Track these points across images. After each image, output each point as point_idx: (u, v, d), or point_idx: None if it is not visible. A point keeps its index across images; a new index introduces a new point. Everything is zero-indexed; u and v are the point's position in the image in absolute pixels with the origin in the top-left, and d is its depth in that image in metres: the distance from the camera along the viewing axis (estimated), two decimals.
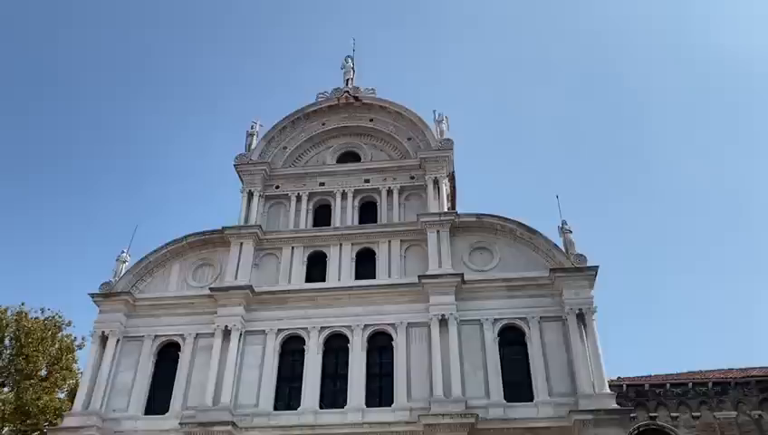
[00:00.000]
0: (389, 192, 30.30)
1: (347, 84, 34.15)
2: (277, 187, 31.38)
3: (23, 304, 38.09)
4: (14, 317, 37.02)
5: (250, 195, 30.60)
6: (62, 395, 37.03)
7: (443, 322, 25.47)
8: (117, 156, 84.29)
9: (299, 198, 30.71)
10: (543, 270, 26.46)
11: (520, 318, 25.82)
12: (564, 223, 27.47)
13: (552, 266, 26.32)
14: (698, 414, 27.68)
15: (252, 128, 32.96)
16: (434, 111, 32.05)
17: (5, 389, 35.59)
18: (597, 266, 25.84)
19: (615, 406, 23.07)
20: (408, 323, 26.16)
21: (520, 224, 27.80)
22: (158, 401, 25.79)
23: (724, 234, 75.31)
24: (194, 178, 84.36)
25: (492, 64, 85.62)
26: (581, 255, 26.34)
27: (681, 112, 79.76)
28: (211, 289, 27.47)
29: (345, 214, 29.93)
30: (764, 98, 75.63)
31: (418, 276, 26.68)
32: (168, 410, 25.24)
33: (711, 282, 74.10)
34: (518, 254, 27.46)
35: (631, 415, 25.87)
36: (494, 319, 25.89)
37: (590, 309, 25.07)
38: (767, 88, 75.46)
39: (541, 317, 25.70)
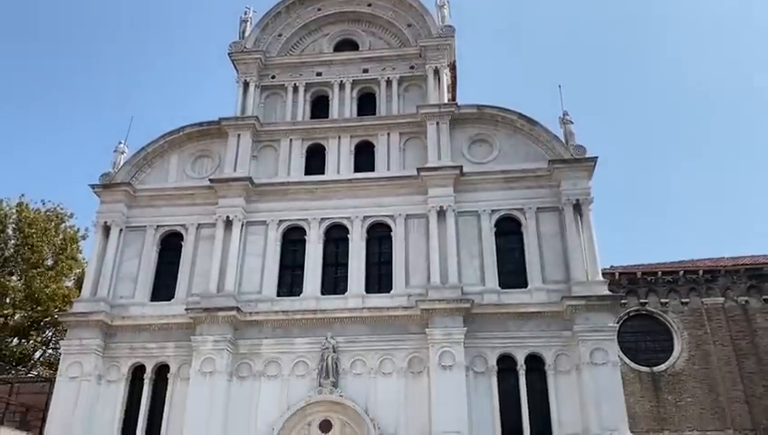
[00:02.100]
0: (388, 83, 29.70)
1: None
2: (273, 77, 30.71)
3: (23, 195, 38.44)
4: (16, 208, 37.38)
5: (246, 85, 30.02)
6: (69, 283, 38.09)
7: (441, 213, 25.77)
8: (113, 47, 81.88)
9: (296, 89, 30.15)
10: (542, 162, 26.46)
11: (517, 209, 26.09)
12: (566, 113, 27.18)
13: (551, 158, 26.30)
14: (687, 301, 28.64)
15: (245, 14, 31.78)
16: None
17: (14, 277, 36.52)
18: (596, 157, 25.85)
19: (606, 292, 23.80)
20: (407, 215, 26.47)
21: (520, 115, 27.50)
22: (163, 289, 26.53)
23: (719, 124, 74.93)
24: (191, 69, 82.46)
25: None
26: (581, 146, 26.26)
27: (686, 3, 76.90)
28: (211, 180, 27.57)
29: (343, 106, 29.50)
30: None
31: (417, 169, 26.69)
32: (173, 297, 26.03)
33: (706, 172, 74.47)
34: (517, 146, 27.34)
35: (622, 301, 26.87)
36: (492, 210, 26.18)
37: (587, 199, 25.32)
38: None
39: (538, 208, 25.97)
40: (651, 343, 28.18)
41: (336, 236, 26.84)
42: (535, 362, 23.47)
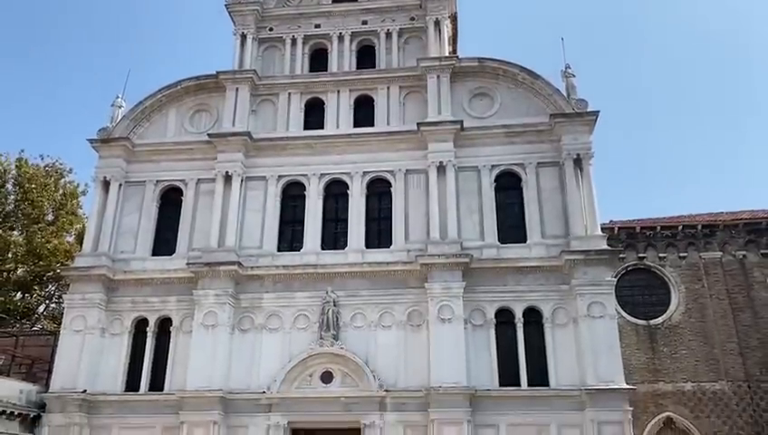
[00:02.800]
0: (388, 35, 29.23)
1: None
2: (271, 29, 30.18)
3: (22, 151, 38.30)
4: (15, 163, 37.28)
5: (243, 38, 29.55)
6: (70, 239, 38.25)
7: (441, 169, 25.69)
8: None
9: (294, 42, 29.69)
10: (543, 116, 26.24)
11: (517, 164, 26.01)
12: (568, 67, 26.85)
13: (552, 112, 26.07)
14: (685, 255, 28.79)
15: None
16: None
17: (15, 232, 36.66)
18: (597, 111, 25.64)
19: (605, 247, 23.93)
20: (407, 170, 26.39)
21: (522, 68, 27.14)
22: (164, 244, 26.66)
23: (720, 79, 74.08)
24: (189, 21, 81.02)
25: None
26: (583, 99, 26.03)
27: None
28: (209, 135, 27.39)
29: (342, 59, 29.08)
30: None
31: (417, 124, 26.48)
32: (174, 252, 26.16)
33: (707, 128, 73.98)
34: (519, 99, 27.07)
35: (620, 256, 27.00)
36: (492, 165, 26.09)
37: (587, 154, 25.21)
38: None
39: (538, 163, 25.89)
40: (648, 297, 28.46)
41: (336, 192, 26.83)
42: (533, 316, 23.77)
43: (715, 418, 26.16)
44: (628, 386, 22.19)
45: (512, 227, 25.28)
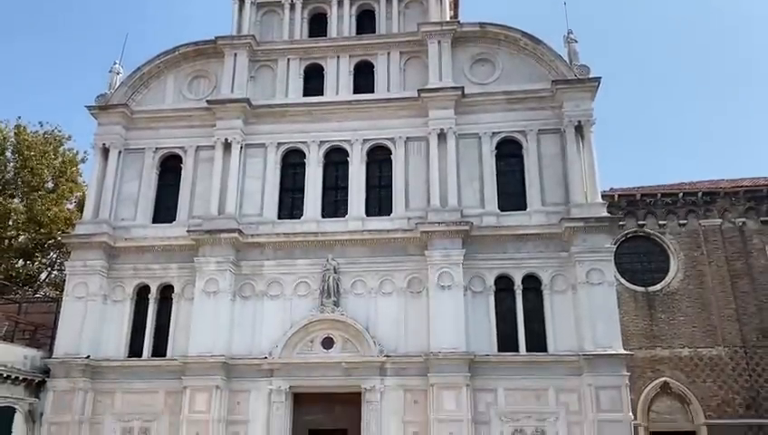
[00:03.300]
0: None
1: None
2: None
3: (20, 117, 38.08)
4: (14, 130, 37.09)
5: (241, 2, 29.08)
6: (70, 206, 38.24)
7: (441, 136, 25.57)
8: None
9: (293, 6, 29.24)
10: (545, 82, 26.01)
11: (518, 131, 25.88)
12: (570, 32, 26.53)
13: (554, 78, 25.85)
14: (685, 222, 28.84)
15: None
16: None
17: (15, 200, 36.66)
18: (599, 78, 25.41)
19: (605, 214, 23.95)
20: (407, 138, 26.28)
21: (524, 33, 26.80)
22: (164, 211, 26.68)
23: (722, 45, 73.23)
24: None
25: None
26: (585, 65, 25.78)
27: None
28: (208, 102, 27.19)
29: (342, 24, 28.69)
30: None
31: (418, 90, 26.26)
32: (174, 219, 26.21)
33: (709, 95, 73.42)
34: (520, 65, 26.80)
35: (620, 223, 27.06)
36: (493, 132, 25.96)
37: (588, 121, 25.07)
38: None
39: (539, 130, 25.75)
40: (647, 264, 28.60)
41: (336, 160, 26.75)
42: (532, 282, 23.93)
43: (711, 383, 26.53)
44: (625, 352, 22.44)
45: (512, 195, 25.27)
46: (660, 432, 26.36)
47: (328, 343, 23.89)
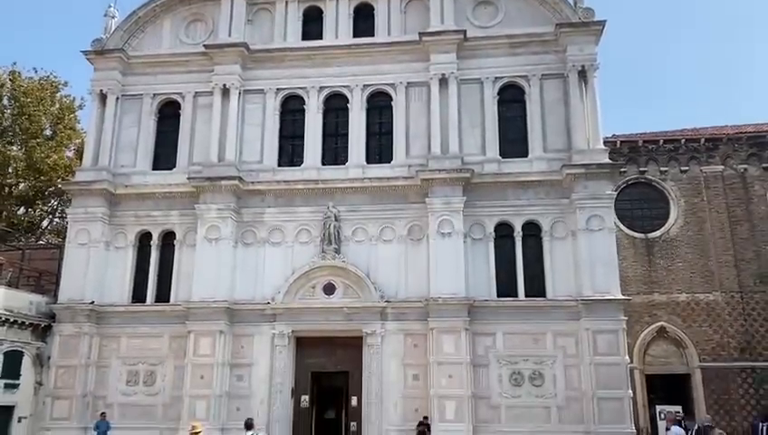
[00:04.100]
0: None
1: None
2: None
3: (14, 63, 37.55)
4: (9, 76, 36.61)
5: None
6: (69, 154, 38.10)
7: (443, 81, 25.23)
8: None
9: None
10: (549, 26, 25.51)
11: (521, 76, 25.53)
12: None
13: (558, 21, 25.33)
14: (686, 169, 28.73)
15: None
16: None
17: (14, 147, 36.49)
18: (604, 21, 24.92)
19: (607, 160, 23.88)
20: (408, 83, 25.96)
21: None
22: (164, 158, 26.62)
23: None
24: None
25: None
26: (589, 8, 25.25)
27: None
28: (205, 46, 26.72)
29: None
30: None
31: (419, 33, 25.77)
32: (174, 166, 26.15)
33: (714, 40, 72.10)
34: (524, 8, 26.22)
35: (622, 169, 26.97)
36: (495, 77, 25.63)
37: (592, 66, 24.71)
38: None
39: (542, 75, 25.41)
40: (648, 211, 28.62)
41: (336, 106, 26.49)
42: (532, 229, 24.05)
43: (706, 327, 26.94)
44: (623, 297, 22.74)
45: (513, 141, 25.12)
46: (656, 375, 26.92)
47: (329, 289, 24.18)
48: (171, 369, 23.81)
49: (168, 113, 27.19)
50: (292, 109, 26.68)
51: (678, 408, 23.91)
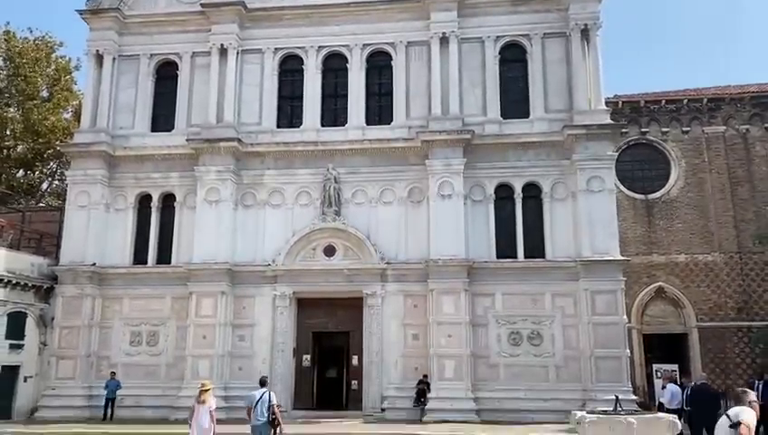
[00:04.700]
0: None
1: None
2: None
3: (8, 23, 37.00)
4: (3, 37, 36.10)
5: None
6: (67, 116, 37.82)
7: (443, 40, 24.90)
8: None
9: None
10: None
11: (522, 35, 25.22)
12: None
13: None
14: (688, 129, 28.52)
15: None
16: None
17: (11, 109, 36.20)
18: None
19: (608, 121, 23.75)
20: (408, 42, 25.64)
21: None
22: (162, 119, 26.44)
23: None
24: None
25: None
26: None
27: None
28: (202, 5, 26.24)
29: None
30: None
31: None
32: (173, 128, 25.99)
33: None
34: None
35: (623, 130, 26.78)
36: (497, 36, 25.31)
37: (595, 24, 24.37)
38: None
39: (544, 34, 25.10)
40: (648, 172, 28.49)
41: (335, 67, 26.20)
42: (532, 191, 24.06)
43: (704, 287, 27.10)
44: (622, 258, 22.86)
45: (515, 102, 24.94)
46: (653, 335, 27.20)
47: (330, 250, 24.28)
48: (174, 329, 24.08)
49: (166, 74, 26.89)
50: (290, 69, 26.40)
51: (675, 367, 24.21)
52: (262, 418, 12.48)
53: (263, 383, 13.23)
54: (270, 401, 12.63)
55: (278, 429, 12.69)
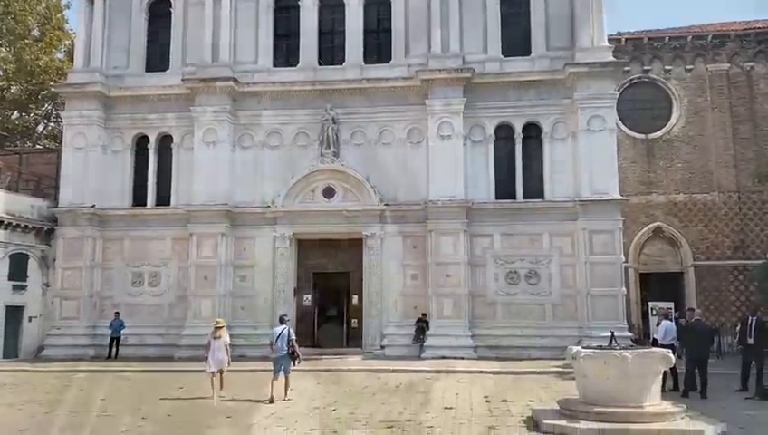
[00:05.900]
0: None
1: None
2: None
3: None
4: None
5: None
6: (60, 56, 37.10)
7: None
8: None
9: None
10: None
11: None
12: None
13: None
14: (691, 67, 28.04)
15: None
16: None
17: (3, 49, 35.47)
18: None
19: (610, 59, 23.36)
20: None
21: None
22: (156, 58, 25.99)
23: None
24: None
25: None
26: None
27: None
28: None
29: None
30: None
31: None
32: (168, 68, 25.55)
33: None
34: None
35: (625, 69, 26.32)
36: None
37: None
38: None
39: None
40: (650, 111, 28.17)
41: (332, 2, 25.54)
42: (533, 131, 23.87)
43: (702, 226, 27.23)
44: (621, 197, 22.87)
45: (516, 40, 24.45)
46: (650, 274, 27.47)
47: (329, 192, 24.26)
48: (175, 270, 24.30)
49: (160, 12, 26.24)
50: (285, 5, 25.75)
51: (671, 304, 24.55)
52: (282, 350, 13.81)
53: (282, 321, 14.53)
54: (289, 335, 13.96)
55: (296, 360, 14.03)
